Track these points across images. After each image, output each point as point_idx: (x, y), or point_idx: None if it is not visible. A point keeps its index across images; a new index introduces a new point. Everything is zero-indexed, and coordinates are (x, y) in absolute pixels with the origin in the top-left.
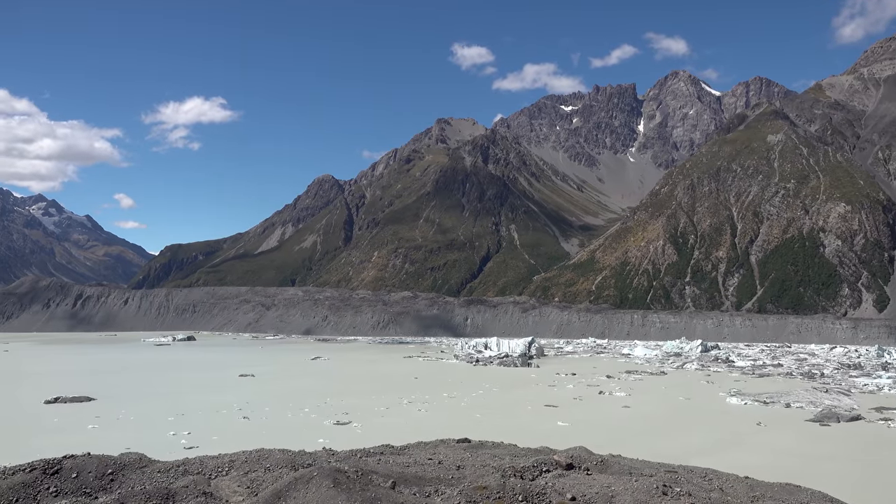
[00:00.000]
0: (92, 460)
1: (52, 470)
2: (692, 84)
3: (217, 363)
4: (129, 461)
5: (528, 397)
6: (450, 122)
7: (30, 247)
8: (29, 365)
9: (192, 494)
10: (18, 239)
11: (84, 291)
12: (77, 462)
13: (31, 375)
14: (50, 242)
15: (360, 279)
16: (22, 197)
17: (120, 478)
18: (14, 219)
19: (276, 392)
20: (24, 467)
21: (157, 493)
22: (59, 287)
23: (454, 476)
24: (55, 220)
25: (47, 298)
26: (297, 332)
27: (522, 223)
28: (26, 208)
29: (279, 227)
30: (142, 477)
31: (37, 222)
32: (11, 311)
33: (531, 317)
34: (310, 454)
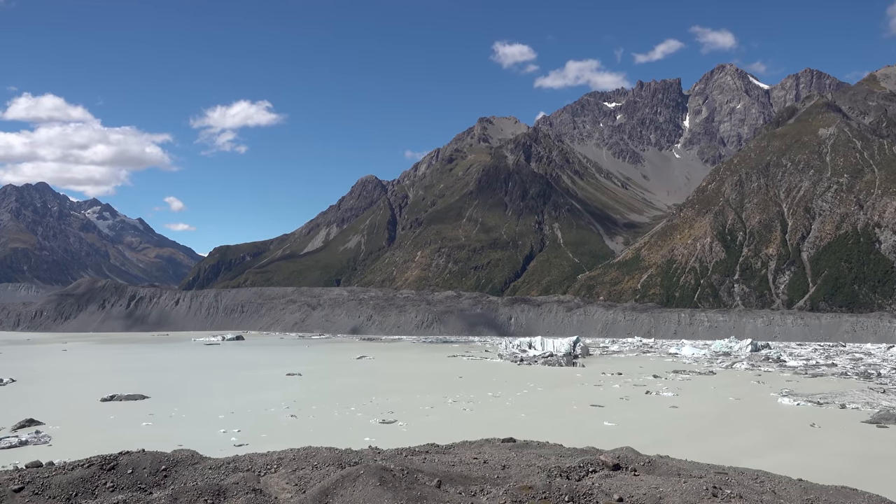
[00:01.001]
0: (146, 457)
1: (109, 465)
2: (739, 78)
3: (265, 362)
4: (181, 458)
5: (574, 397)
6: (492, 121)
7: (85, 249)
8: (86, 364)
9: (243, 491)
10: (75, 242)
11: (137, 292)
12: (132, 458)
13: (88, 374)
14: (104, 245)
15: (404, 279)
16: (78, 201)
17: (173, 474)
18: (70, 223)
19: (322, 391)
20: (83, 463)
21: (209, 490)
22: (113, 288)
23: (499, 476)
24: (109, 224)
25: (102, 299)
26: (342, 332)
27: (566, 221)
28: (82, 212)
29: (324, 227)
30: (194, 473)
31: (92, 226)
32: (69, 312)
33: (576, 316)
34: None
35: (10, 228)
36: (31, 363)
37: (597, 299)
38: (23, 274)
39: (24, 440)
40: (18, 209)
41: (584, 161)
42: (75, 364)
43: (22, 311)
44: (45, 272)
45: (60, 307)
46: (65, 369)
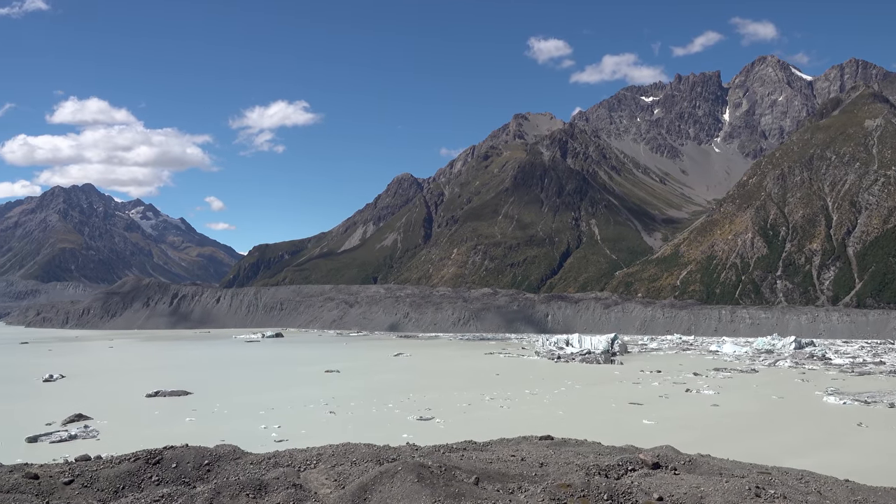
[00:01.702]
0: (190, 451)
1: (154, 460)
2: (781, 69)
3: (304, 359)
4: (223, 453)
5: (612, 394)
6: (527, 118)
7: (130, 249)
8: (131, 360)
9: (283, 486)
10: (119, 241)
11: (180, 290)
12: (176, 453)
13: (133, 370)
14: (148, 244)
15: (440, 276)
16: (122, 202)
17: (216, 468)
18: (115, 223)
19: (360, 387)
20: (129, 457)
21: (250, 484)
22: (156, 286)
23: (537, 473)
24: (152, 224)
25: (147, 297)
26: (379, 329)
27: (603, 218)
28: (126, 213)
29: (361, 225)
30: (236, 468)
31: (136, 226)
32: (115, 310)
33: (613, 313)
34: (394, 449)
35: (58, 229)
36: (79, 360)
37: (635, 296)
38: (70, 273)
39: (74, 434)
40: (66, 210)
41: (621, 156)
42: (121, 360)
43: (70, 309)
44: (91, 271)
45: (107, 305)
46: (111, 366)
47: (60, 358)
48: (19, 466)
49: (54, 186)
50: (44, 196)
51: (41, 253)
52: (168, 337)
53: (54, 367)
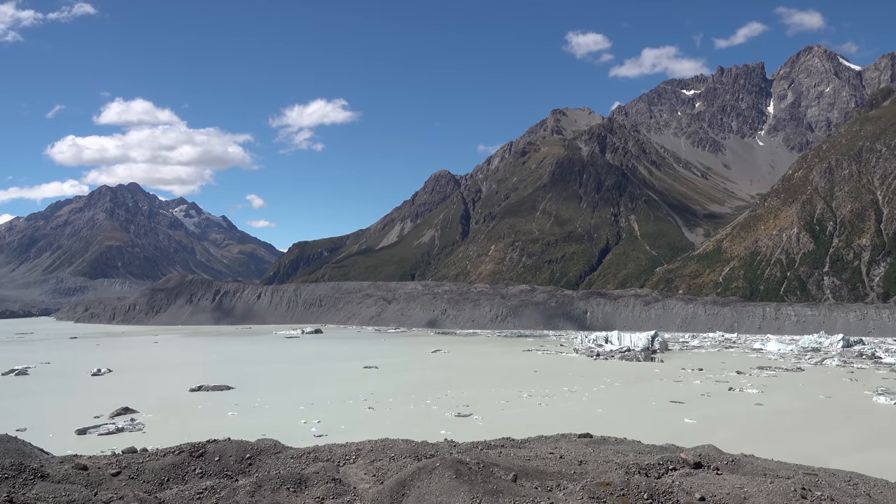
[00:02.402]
0: (232, 445)
1: (198, 453)
2: (828, 59)
3: (343, 355)
4: (265, 447)
5: (652, 392)
6: (565, 113)
7: (173, 246)
8: (175, 355)
9: (323, 480)
10: (164, 239)
11: (222, 287)
12: (219, 446)
13: (177, 365)
14: (191, 242)
15: (478, 273)
16: (166, 200)
17: (257, 462)
18: (159, 221)
19: (398, 383)
20: (174, 450)
21: (291, 478)
22: (199, 283)
23: (576, 471)
24: (195, 221)
25: (190, 294)
26: (417, 326)
27: (643, 213)
28: (170, 211)
29: (398, 222)
30: (276, 462)
31: (179, 223)
32: (160, 306)
33: (654, 310)
34: (432, 445)
35: (105, 227)
36: (125, 354)
37: (676, 293)
38: (117, 270)
39: (121, 427)
40: (112, 209)
41: (661, 151)
42: (166, 355)
43: (117, 306)
44: (137, 268)
45: (152, 301)
46: (156, 361)
47: (108, 353)
48: (69, 458)
49: (101, 186)
50: (91, 195)
51: (89, 251)
52: (210, 333)
53: (102, 361)
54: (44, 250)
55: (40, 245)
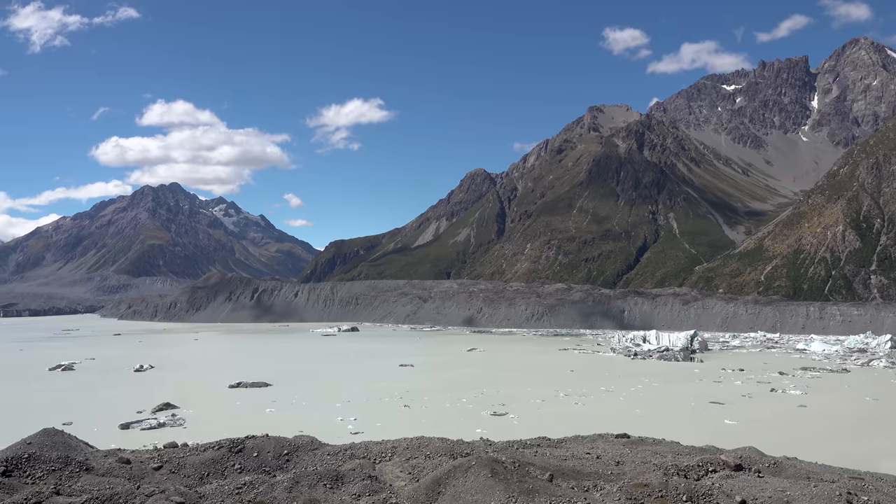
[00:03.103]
0: (270, 441)
1: (237, 448)
2: (876, 52)
3: (379, 353)
4: (302, 443)
5: (692, 393)
6: (602, 110)
7: (213, 245)
8: (215, 352)
9: (359, 477)
10: (204, 238)
11: (260, 285)
12: (257, 442)
13: (217, 362)
14: (230, 241)
15: (514, 271)
16: (206, 200)
17: (294, 458)
18: (200, 220)
19: (434, 382)
20: (213, 445)
21: (328, 475)
22: (238, 281)
23: (613, 472)
24: (234, 220)
25: (229, 292)
26: (453, 324)
27: (682, 211)
28: (210, 210)
29: (434, 221)
30: (313, 458)
31: (218, 222)
32: (200, 304)
33: (693, 309)
34: (468, 443)
35: (147, 226)
36: (167, 351)
37: (716, 292)
38: (159, 268)
39: (162, 422)
40: (154, 208)
41: (700, 147)
42: (206, 352)
43: (158, 303)
44: (177, 266)
45: (192, 299)
46: (196, 357)
47: (150, 349)
48: (113, 452)
49: (144, 186)
50: (134, 195)
51: (132, 249)
52: (249, 330)
53: (144, 358)
54: (89, 249)
55: (85, 244)
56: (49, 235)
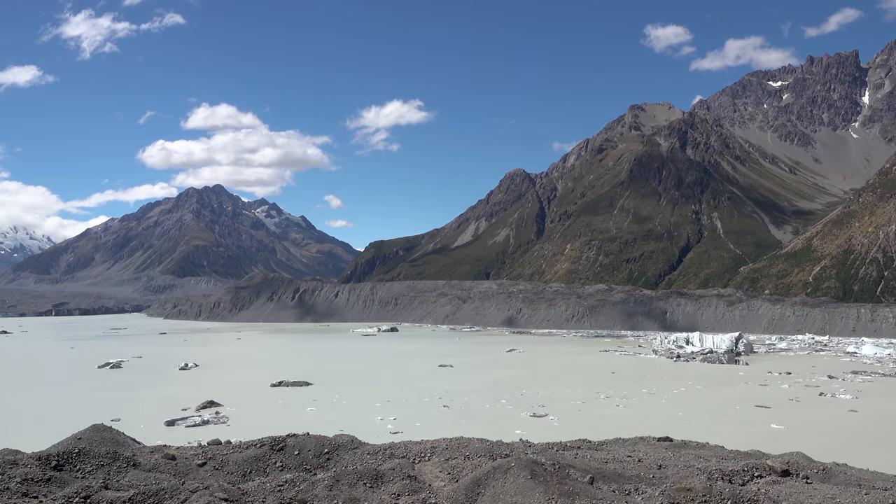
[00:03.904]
0: (311, 440)
1: (278, 446)
2: None
3: (418, 353)
4: (342, 442)
5: (736, 396)
6: (643, 108)
7: (255, 246)
8: (257, 351)
9: (399, 477)
10: (246, 239)
11: (301, 285)
12: (299, 441)
13: (259, 361)
14: (272, 241)
15: (553, 272)
16: (248, 201)
17: (335, 457)
18: (242, 221)
19: (473, 382)
20: (256, 443)
21: (368, 474)
22: (280, 281)
23: (655, 475)
24: (275, 222)
25: (271, 292)
26: (492, 325)
27: (726, 210)
28: (252, 211)
29: (473, 221)
30: (353, 457)
31: (261, 224)
32: (243, 303)
33: (738, 310)
34: (507, 445)
35: (192, 227)
36: (210, 350)
37: (761, 293)
38: (203, 268)
39: (206, 419)
40: (199, 210)
41: (745, 146)
42: (248, 351)
43: (203, 303)
44: (221, 267)
45: (235, 299)
46: (239, 356)
47: (194, 348)
48: (159, 448)
49: (188, 188)
50: (179, 197)
51: (177, 250)
52: (290, 330)
53: (189, 356)
54: (136, 250)
55: (133, 245)
56: (98, 237)
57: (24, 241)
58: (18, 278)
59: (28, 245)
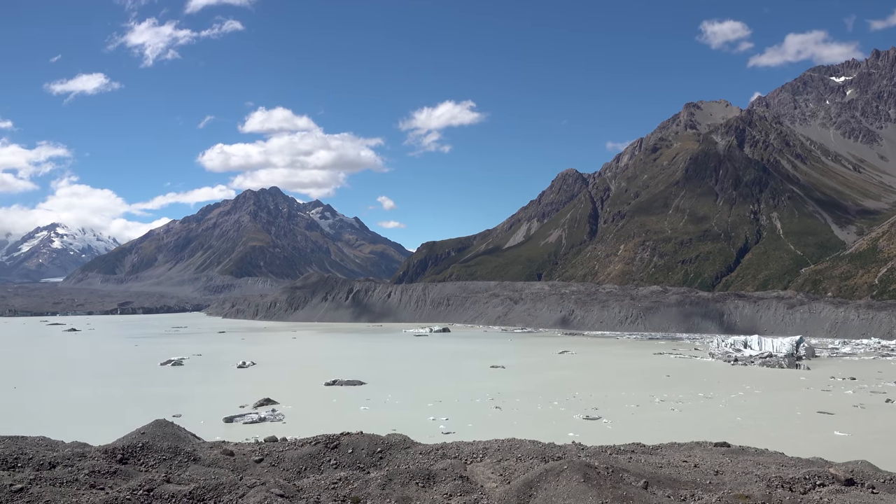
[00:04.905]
0: (364, 438)
1: (332, 444)
2: None
3: (470, 354)
4: (395, 441)
5: (797, 402)
6: (699, 106)
7: (310, 246)
8: (312, 350)
9: (451, 477)
10: (301, 240)
11: (354, 286)
12: (352, 439)
13: (314, 360)
14: (326, 242)
15: (606, 273)
16: (303, 203)
17: (387, 456)
18: (298, 222)
19: (525, 383)
20: (311, 440)
21: (420, 474)
22: (334, 282)
23: (712, 481)
24: (329, 223)
25: (325, 292)
26: (544, 326)
27: (786, 210)
28: (307, 213)
29: (525, 222)
30: (406, 457)
31: (315, 225)
32: (298, 303)
33: (798, 313)
34: (559, 447)
35: (249, 229)
36: (267, 349)
37: (824, 295)
38: (259, 269)
39: (263, 417)
40: (256, 212)
41: (806, 143)
42: (303, 350)
43: (259, 302)
44: (277, 267)
45: (291, 298)
46: (295, 355)
47: (251, 347)
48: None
49: (246, 190)
50: (237, 199)
51: (235, 251)
52: (344, 329)
53: (246, 354)
54: (196, 250)
55: (193, 245)
56: (160, 238)
57: (91, 242)
58: (86, 278)
59: (95, 246)
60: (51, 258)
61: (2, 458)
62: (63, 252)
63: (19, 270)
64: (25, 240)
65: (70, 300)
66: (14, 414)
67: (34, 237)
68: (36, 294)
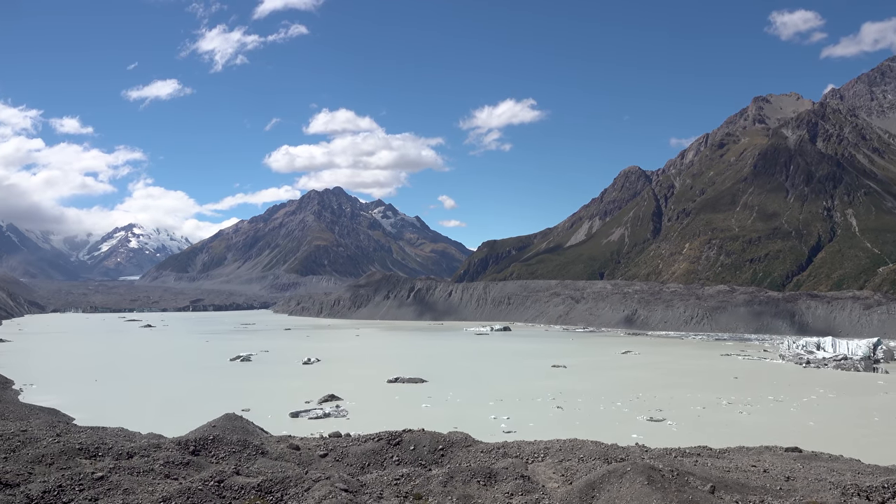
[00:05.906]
0: (426, 436)
1: (395, 441)
2: None
3: (531, 353)
4: (456, 439)
5: (875, 407)
6: (768, 100)
7: (372, 245)
8: (375, 348)
9: (512, 476)
10: (364, 239)
11: (416, 284)
12: (414, 436)
13: (376, 357)
14: (388, 241)
15: (671, 272)
16: (366, 202)
17: (449, 454)
18: (360, 222)
19: (587, 383)
20: (374, 437)
21: (481, 472)
22: (397, 280)
23: (783, 487)
24: (391, 222)
25: (387, 290)
26: (606, 326)
27: (863, 206)
28: (369, 212)
29: (586, 220)
30: (467, 455)
31: (377, 224)
32: (361, 301)
33: (876, 314)
34: (622, 448)
35: (313, 228)
36: (331, 345)
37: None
38: (323, 268)
39: (327, 412)
40: (319, 211)
41: (885, 137)
42: (366, 348)
43: (324, 300)
44: (340, 266)
45: (354, 297)
46: (358, 352)
47: (316, 343)
48: (284, 438)
49: (310, 190)
50: (302, 199)
51: (300, 249)
52: (406, 327)
53: (311, 351)
54: (263, 249)
55: (260, 245)
56: (230, 237)
57: (165, 241)
58: (160, 276)
59: (168, 245)
60: (128, 257)
61: (84, 447)
62: (139, 251)
63: (99, 269)
64: (105, 240)
65: (146, 297)
66: (95, 405)
67: (113, 237)
68: (114, 291)
